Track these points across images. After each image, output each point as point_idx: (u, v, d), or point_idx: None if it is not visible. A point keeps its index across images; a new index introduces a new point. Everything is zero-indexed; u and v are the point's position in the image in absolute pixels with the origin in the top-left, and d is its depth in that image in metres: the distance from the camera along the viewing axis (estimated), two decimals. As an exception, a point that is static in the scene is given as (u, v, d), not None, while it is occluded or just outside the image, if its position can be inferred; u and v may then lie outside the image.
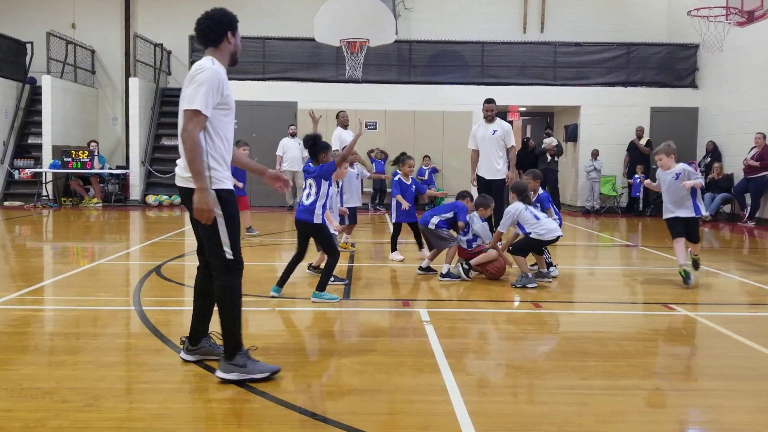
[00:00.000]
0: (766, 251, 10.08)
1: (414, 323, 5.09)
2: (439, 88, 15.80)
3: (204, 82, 3.53)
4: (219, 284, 3.71)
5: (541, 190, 7.31)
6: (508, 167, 8.69)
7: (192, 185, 3.54)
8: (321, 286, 5.71)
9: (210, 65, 3.62)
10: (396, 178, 7.96)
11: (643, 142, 15.32)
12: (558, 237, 6.62)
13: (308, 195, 5.69)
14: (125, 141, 17.51)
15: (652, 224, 13.47)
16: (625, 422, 3.21)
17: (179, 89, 3.37)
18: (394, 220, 8.03)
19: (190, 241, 9.78)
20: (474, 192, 7.74)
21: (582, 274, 7.95)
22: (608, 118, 15.84)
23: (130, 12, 18.17)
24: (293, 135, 14.44)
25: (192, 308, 4.00)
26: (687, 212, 6.65)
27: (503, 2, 18.26)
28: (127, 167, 16.59)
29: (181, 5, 17.82)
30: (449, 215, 6.93)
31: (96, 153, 15.67)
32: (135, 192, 16.19)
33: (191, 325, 4.00)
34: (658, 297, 6.28)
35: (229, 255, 3.66)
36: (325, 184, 5.66)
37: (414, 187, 8.01)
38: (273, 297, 5.74)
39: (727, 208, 14.23)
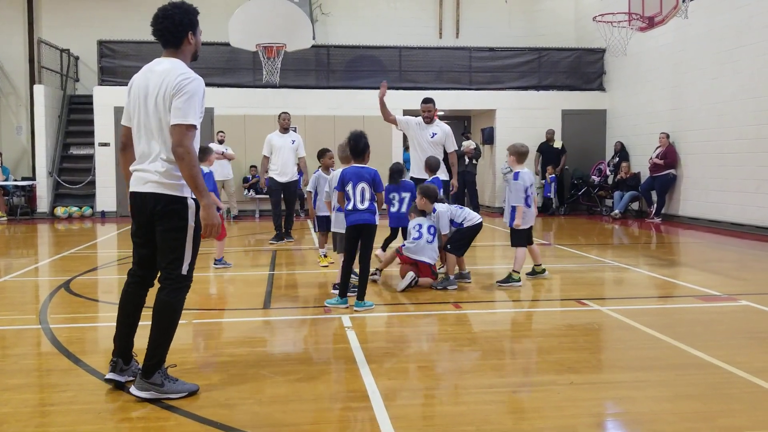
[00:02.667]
0: (672, 246, 10.61)
1: (335, 329, 5.06)
2: (359, 92, 15.83)
3: (194, 94, 3.45)
4: (165, 299, 3.54)
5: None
6: (450, 174, 8.05)
7: (168, 192, 3.46)
8: (362, 295, 5.63)
9: (193, 73, 3.52)
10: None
11: (557, 144, 15.85)
12: (481, 222, 6.86)
13: (363, 199, 5.64)
14: (31, 151, 16.67)
15: (566, 223, 13.95)
16: (542, 418, 3.30)
17: (88, 96, 3.23)
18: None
19: (103, 254, 9.41)
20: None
21: (501, 274, 8.11)
22: (522, 121, 16.30)
23: (34, 16, 17.31)
24: (221, 141, 13.94)
25: (120, 325, 3.72)
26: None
27: (419, 8, 18.51)
28: (33, 178, 15.80)
29: (88, 9, 17.17)
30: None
31: (-1, 164, 14.87)
32: (43, 204, 15.42)
33: (122, 342, 3.71)
34: (572, 293, 6.50)
35: (185, 271, 3.55)
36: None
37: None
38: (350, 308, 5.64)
39: (635, 206, 14.90)
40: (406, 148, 16.51)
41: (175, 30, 3.61)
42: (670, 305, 6.22)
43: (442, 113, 18.15)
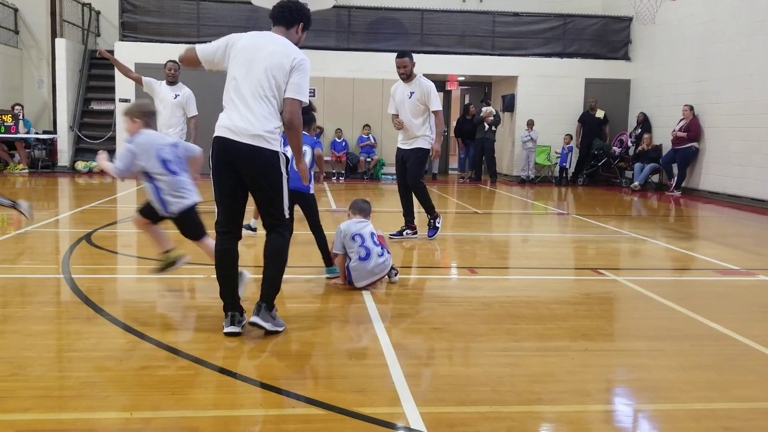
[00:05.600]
0: (690, 219, 10.53)
1: (351, 289, 5.10)
2: (379, 55, 15.67)
3: (307, 73, 3.86)
4: (279, 240, 3.92)
5: None
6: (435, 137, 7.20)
7: (262, 144, 3.76)
8: (328, 261, 5.35)
9: (304, 54, 3.90)
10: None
11: (600, 115, 15.64)
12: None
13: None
14: (52, 105, 16.74)
15: (584, 193, 13.86)
16: (556, 382, 3.32)
17: (110, 51, 3.26)
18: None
19: (122, 208, 9.50)
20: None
21: (516, 241, 8.12)
22: (544, 89, 16.10)
23: (55, -32, 17.23)
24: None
25: (225, 281, 3.89)
26: None
27: (443, -30, 18.18)
28: (54, 132, 15.90)
29: (110, -38, 17.03)
30: None
31: (21, 117, 14.95)
32: (63, 158, 15.55)
33: (233, 296, 3.92)
34: (588, 262, 6.49)
35: (287, 214, 3.94)
36: None
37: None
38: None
39: (655, 178, 14.75)
40: (425, 113, 16.39)
41: (294, 13, 4.00)
42: (687, 277, 6.20)
43: (462, 78, 18.03)
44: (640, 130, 15.05)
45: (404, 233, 7.39)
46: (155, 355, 3.53)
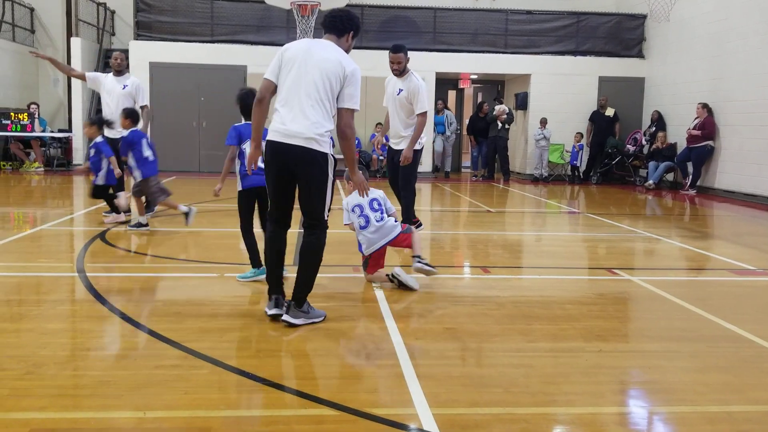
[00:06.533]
0: (705, 218, 10.44)
1: (364, 288, 5.10)
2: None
3: (360, 82, 4.09)
4: (316, 242, 4.09)
5: None
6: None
7: (314, 147, 3.93)
8: (257, 263, 5.21)
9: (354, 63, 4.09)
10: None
11: (610, 113, 15.55)
12: None
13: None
14: (67, 104, 16.86)
15: (597, 192, 13.77)
16: (570, 383, 3.30)
17: (124, 50, 3.29)
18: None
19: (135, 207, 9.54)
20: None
21: (529, 240, 8.09)
22: (558, 87, 16.02)
23: (70, -32, 17.35)
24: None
25: (274, 266, 4.16)
26: None
27: (456, -32, 18.11)
28: (69, 131, 16.02)
29: (124, -38, 17.12)
30: None
31: (36, 116, 15.07)
32: (78, 156, 15.65)
33: (278, 281, 4.19)
34: (602, 262, 6.45)
35: (326, 216, 4.12)
36: None
37: None
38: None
39: (669, 177, 14.63)
40: (437, 111, 16.36)
41: (346, 22, 4.19)
42: (703, 277, 6.15)
43: (475, 76, 17.96)
44: (654, 129, 14.93)
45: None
46: (168, 354, 3.54)
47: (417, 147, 6.78)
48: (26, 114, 14.69)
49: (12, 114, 14.49)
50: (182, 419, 2.80)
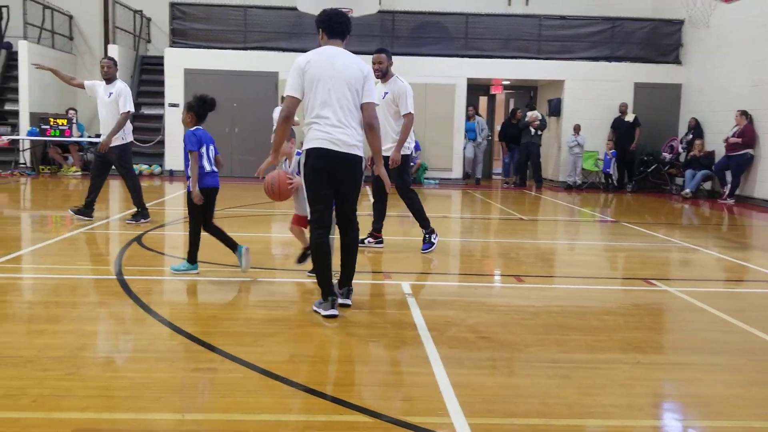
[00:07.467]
0: (744, 228, 10.22)
1: (396, 295, 5.09)
2: (422, 60, 15.65)
3: (374, 79, 4.51)
4: (356, 233, 4.60)
5: None
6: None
7: (357, 153, 4.38)
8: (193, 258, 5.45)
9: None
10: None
11: (629, 118, 15.37)
12: None
13: (212, 162, 5.50)
14: (104, 109, 17.18)
15: (633, 201, 13.58)
16: (606, 395, 3.25)
17: (160, 57, 3.36)
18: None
19: (170, 211, 9.69)
20: None
21: (562, 249, 8.00)
22: (592, 93, 15.85)
23: (109, -24, 17.72)
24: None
25: (328, 268, 4.42)
26: None
27: (489, -26, 18.06)
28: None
29: (161, -30, 17.41)
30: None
31: (75, 121, 15.39)
32: (114, 161, 15.94)
33: (331, 282, 4.48)
34: (639, 272, 6.35)
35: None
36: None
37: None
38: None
39: (707, 185, 14.36)
40: (468, 117, 16.31)
41: (349, 26, 4.52)
42: (742, 289, 6.02)
43: (507, 82, 17.87)
44: (691, 136, 14.67)
45: (365, 241, 6.82)
46: (205, 358, 3.58)
47: (405, 152, 6.64)
48: (65, 119, 15.01)
49: (51, 119, 14.82)
50: (219, 422, 2.82)
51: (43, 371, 3.28)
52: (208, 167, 5.41)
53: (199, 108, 5.40)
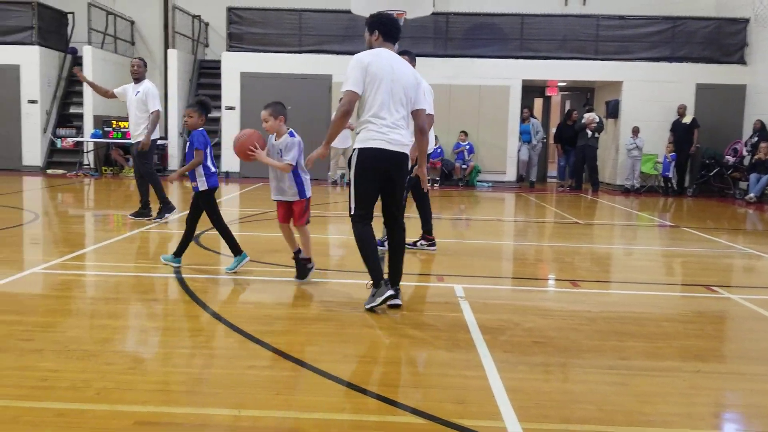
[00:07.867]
0: (812, 234, 9.79)
1: (448, 298, 5.07)
2: (476, 61, 15.56)
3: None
4: (403, 233, 4.73)
5: None
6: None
7: (408, 152, 4.57)
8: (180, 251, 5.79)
9: None
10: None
11: (687, 120, 14.94)
12: None
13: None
14: (164, 112, 17.67)
15: (694, 205, 13.18)
16: (666, 403, 3.17)
17: (217, 61, 3.45)
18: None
19: (227, 212, 9.88)
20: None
21: (619, 254, 7.83)
22: (651, 95, 15.45)
23: (169, -17, 18.22)
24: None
25: (374, 256, 4.54)
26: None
27: (545, -26, 17.82)
28: (165, 138, 16.77)
29: (219, -24, 17.81)
30: None
31: (136, 123, 15.85)
32: (173, 162, 16.38)
33: (381, 270, 4.59)
34: (700, 279, 6.16)
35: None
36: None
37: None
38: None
39: (772, 190, 13.83)
40: (523, 119, 16.12)
41: (399, 31, 4.78)
42: (811, 298, 5.76)
43: (563, 84, 17.59)
44: (756, 139, 14.16)
45: (418, 244, 6.93)
46: (260, 355, 3.64)
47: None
48: (126, 122, 15.46)
49: (113, 122, 15.31)
50: (274, 419, 2.86)
51: (106, 365, 3.39)
52: (212, 168, 5.72)
53: (206, 111, 5.77)
